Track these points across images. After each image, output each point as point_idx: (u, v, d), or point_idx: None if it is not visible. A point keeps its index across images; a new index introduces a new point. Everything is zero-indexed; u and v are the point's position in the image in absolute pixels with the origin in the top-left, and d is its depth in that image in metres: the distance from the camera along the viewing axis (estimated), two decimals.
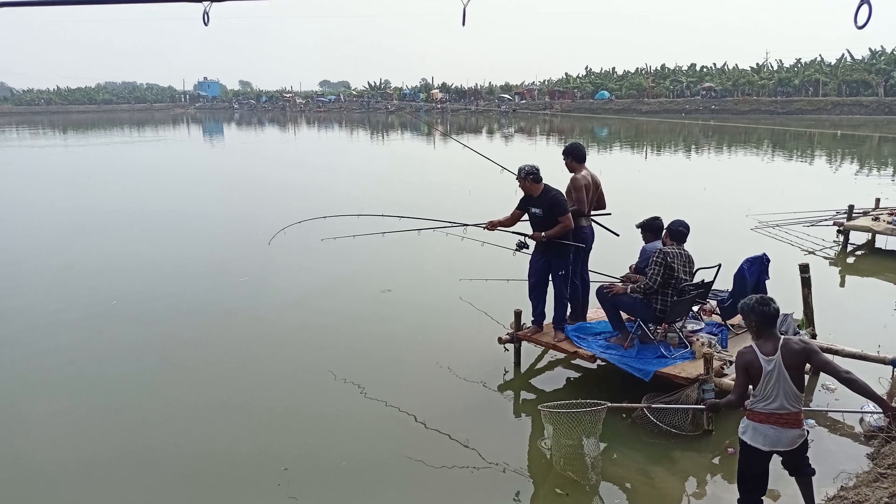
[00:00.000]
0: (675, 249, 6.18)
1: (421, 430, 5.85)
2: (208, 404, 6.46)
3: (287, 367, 7.36)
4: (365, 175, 24.86)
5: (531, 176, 6.61)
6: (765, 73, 72.45)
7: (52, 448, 5.68)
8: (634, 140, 42.24)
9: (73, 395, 6.67)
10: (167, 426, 6.05)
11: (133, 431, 5.95)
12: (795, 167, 26.77)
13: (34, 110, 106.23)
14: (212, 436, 5.89)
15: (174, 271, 11.21)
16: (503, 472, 5.21)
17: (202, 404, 6.48)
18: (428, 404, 6.40)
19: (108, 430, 5.99)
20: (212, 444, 5.73)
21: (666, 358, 6.19)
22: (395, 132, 55.15)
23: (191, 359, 7.60)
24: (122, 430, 5.98)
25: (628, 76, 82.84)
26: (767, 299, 4.01)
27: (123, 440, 5.79)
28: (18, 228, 15.29)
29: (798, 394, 3.91)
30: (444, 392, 6.65)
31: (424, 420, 6.03)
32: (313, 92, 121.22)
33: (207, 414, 6.29)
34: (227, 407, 6.39)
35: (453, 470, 5.25)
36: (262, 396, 6.60)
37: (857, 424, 5.71)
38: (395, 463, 5.41)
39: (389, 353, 7.68)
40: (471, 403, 6.43)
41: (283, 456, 5.47)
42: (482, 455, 5.43)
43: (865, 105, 57.31)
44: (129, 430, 5.97)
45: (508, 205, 7.13)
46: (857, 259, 11.83)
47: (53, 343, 7.98)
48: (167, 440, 5.79)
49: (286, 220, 8.79)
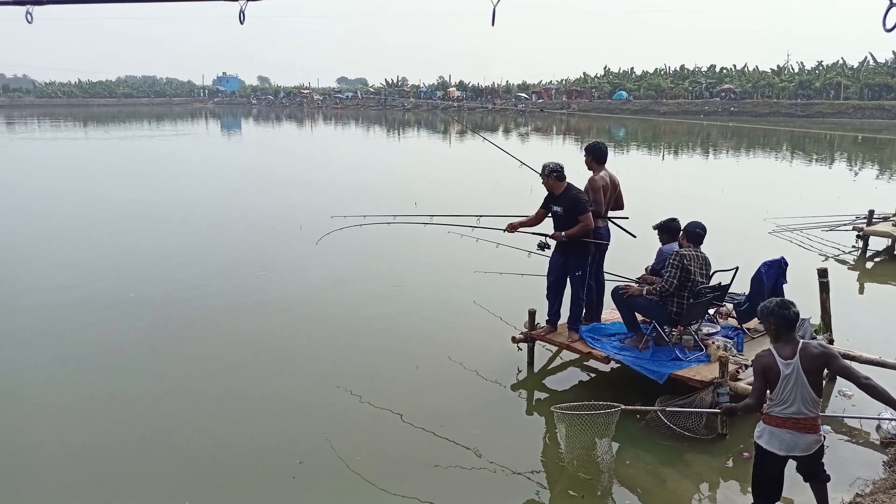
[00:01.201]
0: (691, 252, 6.15)
1: (434, 427, 5.86)
2: (222, 395, 6.53)
3: (300, 361, 7.42)
4: (391, 173, 24.93)
5: (555, 174, 6.62)
6: (785, 76, 71.71)
7: (63, 436, 5.77)
8: (652, 141, 41.98)
9: (88, 384, 6.77)
10: (180, 416, 6.12)
11: (148, 421, 6.02)
12: (815, 171, 26.50)
13: (55, 103, 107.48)
14: (226, 428, 5.94)
15: (180, 263, 11.32)
16: (515, 473, 5.21)
17: (216, 395, 6.54)
18: (441, 401, 6.44)
19: (121, 419, 6.06)
20: (227, 437, 5.79)
21: (681, 360, 6.16)
22: (412, 129, 55.21)
23: (202, 349, 7.67)
24: (136, 419, 6.05)
25: (647, 76, 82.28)
26: (787, 303, 3.98)
27: (135, 429, 5.86)
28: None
29: (816, 398, 3.88)
30: (458, 390, 6.67)
31: (437, 417, 6.05)
32: (331, 88, 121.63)
33: (221, 405, 6.36)
34: (241, 399, 6.45)
35: (465, 468, 5.26)
36: (275, 390, 6.65)
37: (873, 431, 5.65)
38: (407, 458, 5.44)
39: (403, 348, 7.71)
40: (484, 402, 6.45)
41: (298, 449, 5.51)
42: (494, 454, 5.43)
43: (888, 109, 56.47)
44: (143, 420, 6.05)
45: (524, 203, 7.12)
46: (877, 265, 11.70)
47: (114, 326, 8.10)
48: (180, 430, 5.86)
49: (317, 217, 8.82)
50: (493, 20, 2.65)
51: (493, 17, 2.63)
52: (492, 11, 2.63)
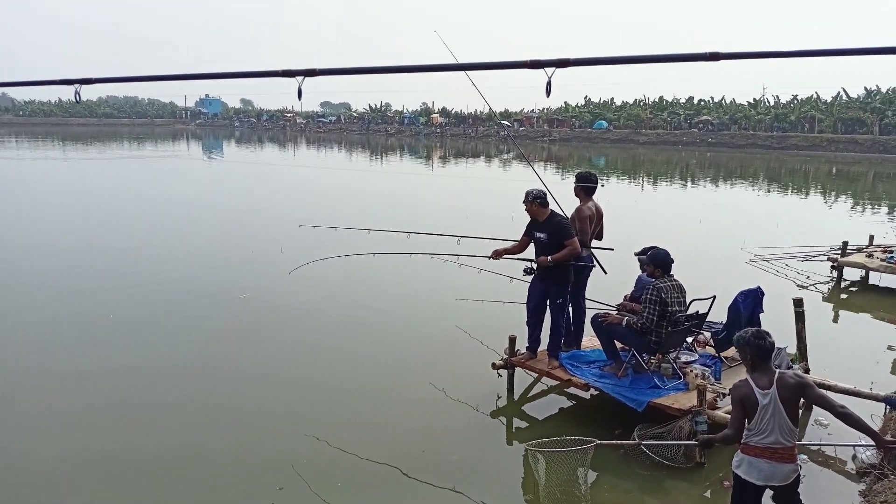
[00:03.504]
0: (667, 283, 6.20)
1: (415, 452, 5.81)
2: (210, 420, 6.42)
3: (276, 385, 7.32)
4: (373, 198, 24.95)
5: (538, 200, 6.70)
6: (762, 109, 73.24)
7: (49, 441, 5.64)
8: (631, 170, 42.52)
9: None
10: (151, 426, 6.01)
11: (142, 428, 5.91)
12: (791, 202, 26.97)
13: (34, 121, 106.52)
14: (207, 449, 5.84)
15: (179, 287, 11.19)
16: (496, 498, 5.16)
17: (204, 418, 6.43)
18: (421, 426, 6.39)
19: (114, 427, 5.94)
20: (205, 459, 5.68)
21: (659, 388, 6.19)
22: (395, 154, 55.41)
23: (181, 376, 7.55)
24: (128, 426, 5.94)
25: (626, 107, 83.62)
26: (763, 333, 4.03)
27: (128, 435, 5.75)
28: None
29: (793, 428, 3.91)
30: (436, 417, 6.62)
31: (417, 441, 6.00)
32: (314, 112, 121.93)
33: (206, 430, 6.25)
34: (220, 421, 6.34)
35: (443, 495, 5.21)
36: (252, 415, 6.56)
37: (849, 461, 5.69)
38: (385, 485, 5.37)
39: (382, 373, 7.66)
40: (464, 428, 6.41)
41: (279, 474, 5.42)
42: (473, 482, 5.39)
43: (860, 143, 57.86)
44: (133, 426, 5.93)
45: (507, 228, 7.16)
46: (851, 295, 11.89)
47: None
48: (152, 437, 5.75)
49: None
50: (549, 91, 2.66)
51: (549, 89, 2.65)
52: (546, 83, 2.65)
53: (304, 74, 2.93)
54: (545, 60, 2.55)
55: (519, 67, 2.60)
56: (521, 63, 2.61)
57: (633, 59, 2.73)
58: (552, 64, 2.57)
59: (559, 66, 2.56)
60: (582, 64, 2.61)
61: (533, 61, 2.56)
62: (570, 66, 2.56)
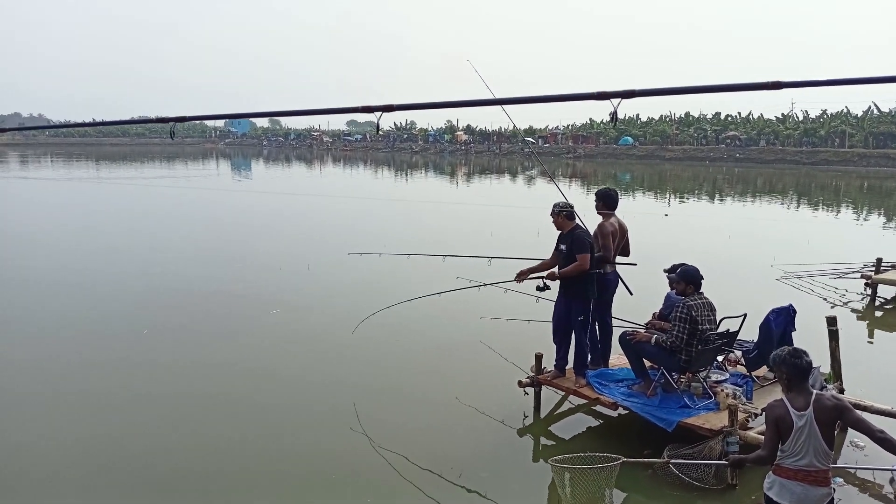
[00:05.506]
0: (697, 301, 6.13)
1: (442, 470, 5.79)
2: (222, 435, 6.48)
3: (308, 400, 7.37)
4: (407, 218, 25.11)
5: (564, 212, 6.76)
6: (790, 124, 72.35)
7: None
8: (658, 186, 42.19)
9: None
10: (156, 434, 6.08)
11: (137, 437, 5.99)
12: (822, 217, 26.51)
13: (69, 141, 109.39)
14: (230, 460, 5.89)
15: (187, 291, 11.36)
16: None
17: (214, 432, 6.50)
18: (449, 443, 6.39)
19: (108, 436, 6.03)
20: (231, 470, 5.74)
21: (689, 408, 6.09)
22: (420, 172, 55.71)
23: (192, 382, 7.65)
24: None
25: (652, 123, 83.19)
26: (800, 352, 3.94)
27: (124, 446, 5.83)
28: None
29: (828, 451, 3.82)
30: (463, 435, 6.60)
31: (445, 459, 5.99)
32: (340, 131, 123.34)
33: (238, 442, 6.31)
34: (232, 447, 6.40)
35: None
36: (280, 428, 6.60)
37: (887, 484, 5.53)
38: (418, 500, 5.35)
39: (409, 390, 7.67)
40: (492, 445, 6.38)
41: (305, 492, 5.44)
42: (502, 498, 5.35)
43: (893, 157, 56.75)
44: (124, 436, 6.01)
45: (533, 246, 7.14)
46: (886, 313, 11.62)
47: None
48: (157, 446, 5.81)
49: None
50: (615, 120, 2.76)
51: (615, 118, 2.74)
52: (612, 113, 2.73)
53: (382, 110, 3.12)
54: (612, 92, 2.63)
55: (586, 99, 2.71)
56: (588, 95, 2.70)
57: (696, 90, 2.82)
58: (618, 95, 2.66)
59: (625, 97, 2.65)
60: (647, 94, 2.70)
61: (600, 93, 2.65)
62: (637, 97, 2.64)
